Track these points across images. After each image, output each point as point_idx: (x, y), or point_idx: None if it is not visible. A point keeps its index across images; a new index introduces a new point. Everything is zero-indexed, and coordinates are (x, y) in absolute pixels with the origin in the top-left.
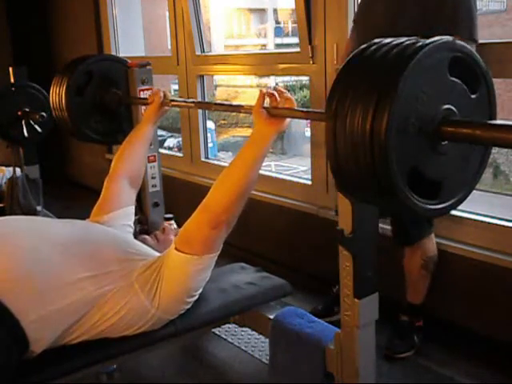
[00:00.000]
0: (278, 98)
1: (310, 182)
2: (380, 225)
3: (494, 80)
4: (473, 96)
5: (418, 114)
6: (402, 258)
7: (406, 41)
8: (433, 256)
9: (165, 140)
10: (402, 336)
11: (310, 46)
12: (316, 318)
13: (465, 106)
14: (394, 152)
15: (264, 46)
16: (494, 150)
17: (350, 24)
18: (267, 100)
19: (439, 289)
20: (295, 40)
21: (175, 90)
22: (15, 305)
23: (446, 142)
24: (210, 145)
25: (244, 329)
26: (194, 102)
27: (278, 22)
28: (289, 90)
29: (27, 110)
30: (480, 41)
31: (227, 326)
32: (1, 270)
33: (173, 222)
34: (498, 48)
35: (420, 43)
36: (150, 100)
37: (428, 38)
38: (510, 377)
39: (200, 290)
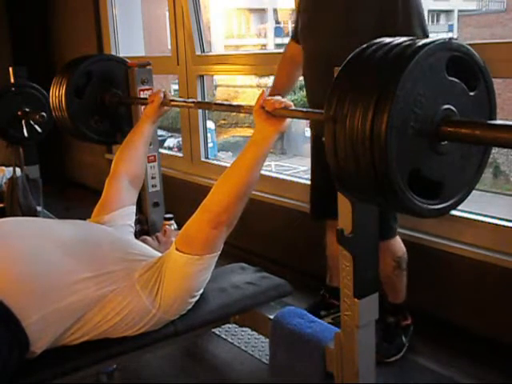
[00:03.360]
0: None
1: (309, 182)
2: None
3: (494, 80)
4: (472, 93)
5: (418, 115)
6: None
7: (405, 42)
8: (402, 255)
9: (165, 140)
10: (389, 338)
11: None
12: (316, 318)
13: (464, 105)
14: (394, 153)
15: (264, 46)
16: (494, 149)
17: None
18: None
19: (438, 289)
20: None
21: (175, 90)
22: (16, 305)
23: (446, 142)
24: (209, 145)
25: (244, 329)
26: (193, 102)
27: (278, 22)
28: None
29: (27, 110)
30: (480, 41)
31: (227, 325)
32: (2, 271)
33: (173, 222)
34: (498, 48)
35: (418, 44)
36: (150, 100)
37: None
38: (510, 377)
39: (201, 291)
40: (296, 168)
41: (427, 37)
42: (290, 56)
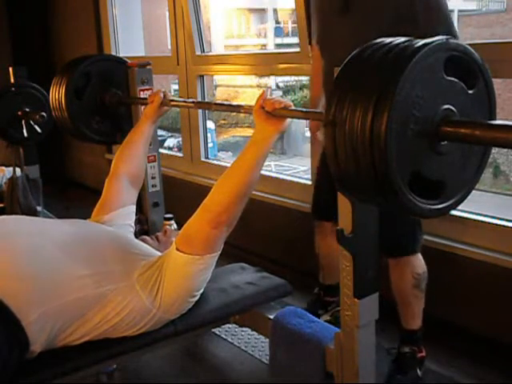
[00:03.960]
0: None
1: (309, 182)
2: None
3: (494, 80)
4: (471, 91)
5: (417, 115)
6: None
7: (403, 42)
8: (423, 273)
9: (165, 140)
10: (403, 369)
11: (309, 46)
12: (316, 318)
13: (464, 104)
14: (394, 153)
15: (264, 46)
16: (494, 149)
17: None
18: None
19: (439, 289)
20: (295, 40)
21: (175, 90)
22: (16, 304)
23: (446, 143)
24: (209, 145)
25: (244, 329)
26: (194, 102)
27: (278, 22)
28: (289, 90)
29: (27, 109)
30: (480, 41)
31: (227, 325)
32: (1, 270)
33: (173, 222)
34: (498, 48)
35: (417, 45)
36: (150, 100)
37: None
38: (510, 377)
39: (201, 290)
40: (296, 168)
41: (454, 36)
42: (317, 60)
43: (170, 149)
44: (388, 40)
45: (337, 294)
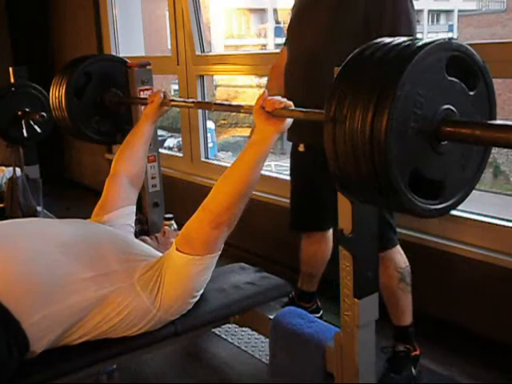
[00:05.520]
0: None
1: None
2: None
3: (494, 80)
4: (471, 93)
5: (418, 115)
6: None
7: (404, 42)
8: (406, 267)
9: (165, 140)
10: (398, 369)
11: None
12: (316, 318)
13: (464, 105)
14: (394, 153)
15: (264, 46)
16: (494, 149)
17: None
18: None
19: (439, 289)
20: None
21: (175, 90)
22: (16, 306)
23: (446, 142)
24: (210, 145)
25: (244, 329)
26: (193, 102)
27: (278, 22)
28: None
29: (27, 110)
30: (480, 41)
31: (227, 326)
32: (2, 273)
33: (173, 222)
34: (498, 48)
35: (418, 45)
36: (150, 100)
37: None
38: (509, 377)
39: (202, 291)
40: None
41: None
42: (280, 63)
43: (170, 149)
44: (388, 39)
45: (312, 301)
